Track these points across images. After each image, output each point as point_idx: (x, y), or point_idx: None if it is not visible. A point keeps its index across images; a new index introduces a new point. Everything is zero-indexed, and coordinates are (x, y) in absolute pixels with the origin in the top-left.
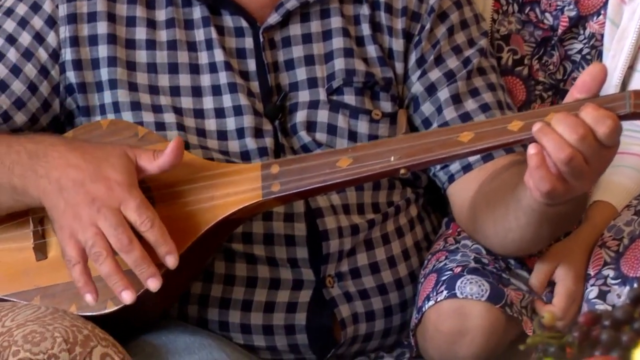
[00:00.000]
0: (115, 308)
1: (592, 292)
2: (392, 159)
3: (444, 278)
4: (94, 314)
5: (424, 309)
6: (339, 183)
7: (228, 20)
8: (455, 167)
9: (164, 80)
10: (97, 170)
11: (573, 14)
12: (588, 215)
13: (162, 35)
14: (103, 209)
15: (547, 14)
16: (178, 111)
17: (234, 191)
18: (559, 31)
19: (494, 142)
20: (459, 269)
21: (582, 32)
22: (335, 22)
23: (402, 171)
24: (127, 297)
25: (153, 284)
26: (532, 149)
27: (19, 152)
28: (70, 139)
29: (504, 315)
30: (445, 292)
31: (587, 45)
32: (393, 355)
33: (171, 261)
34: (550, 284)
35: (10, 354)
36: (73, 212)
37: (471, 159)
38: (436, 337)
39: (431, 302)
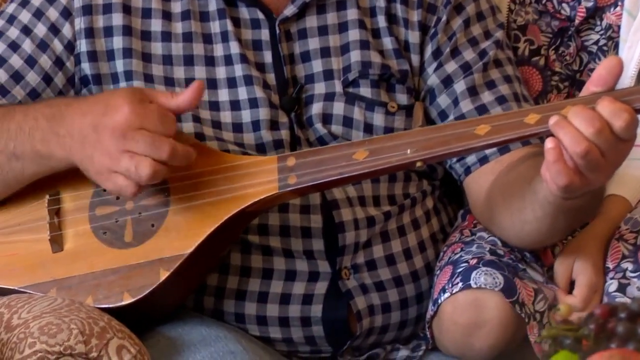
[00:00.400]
0: (132, 300)
1: (612, 285)
2: (409, 151)
3: (459, 270)
4: (111, 306)
5: (439, 301)
6: (355, 176)
7: (244, 12)
8: (471, 159)
9: (179, 72)
10: (107, 106)
11: (590, 4)
12: (603, 209)
13: (178, 27)
14: (128, 133)
15: (564, 5)
16: None
17: (250, 183)
18: (576, 22)
19: (510, 135)
20: (474, 261)
21: (599, 23)
22: (352, 14)
23: (418, 164)
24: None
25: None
26: (549, 143)
27: (36, 118)
28: (83, 96)
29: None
30: (460, 284)
31: (603, 37)
32: (409, 347)
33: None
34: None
35: (27, 345)
36: (100, 151)
37: (487, 151)
38: (452, 329)
39: (447, 294)
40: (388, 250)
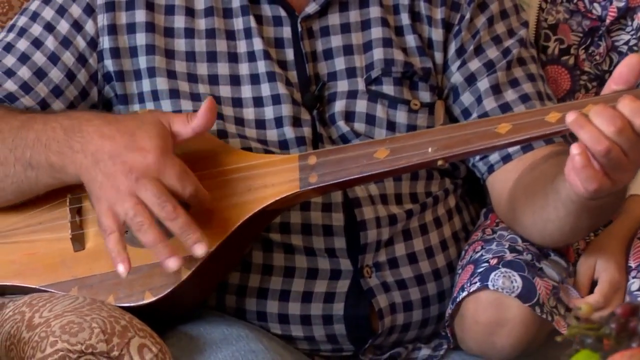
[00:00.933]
0: (153, 299)
1: (634, 284)
2: (430, 150)
3: (480, 270)
4: (132, 304)
5: (458, 299)
6: (377, 174)
7: (267, 9)
8: (494, 157)
9: (202, 68)
10: (131, 140)
11: (622, 4)
12: (625, 208)
13: (201, 23)
14: (142, 179)
15: (595, 4)
16: (216, 100)
17: (272, 182)
18: (607, 21)
19: (532, 133)
20: (494, 261)
21: (630, 23)
22: (374, 11)
23: (439, 162)
24: (174, 263)
25: (200, 250)
26: (575, 149)
27: (54, 129)
28: (105, 113)
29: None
30: (478, 284)
31: (634, 37)
32: (431, 346)
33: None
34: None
35: (48, 344)
36: (110, 183)
37: (510, 149)
38: (474, 327)
39: (464, 293)
40: (410, 249)
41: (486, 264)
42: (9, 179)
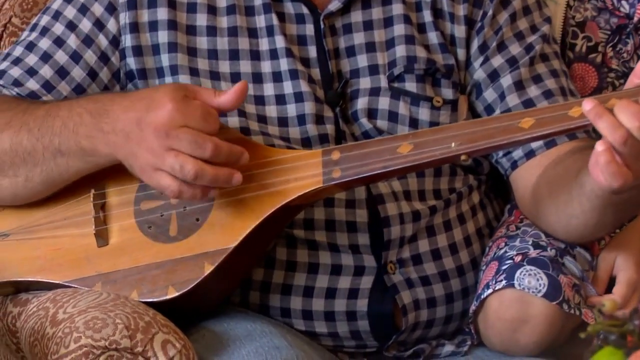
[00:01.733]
0: (177, 294)
1: None
2: (453, 145)
3: (504, 267)
4: (155, 300)
5: (482, 296)
6: (400, 169)
7: (289, 7)
8: (518, 153)
9: (224, 66)
10: (150, 101)
11: None
12: None
13: (223, 21)
14: (172, 132)
15: (623, 2)
16: None
17: (295, 177)
18: (635, 19)
19: (555, 128)
20: (519, 258)
21: None
22: (397, 8)
23: (462, 157)
24: (239, 177)
25: (237, 178)
26: (600, 146)
27: (80, 114)
28: (128, 91)
29: (562, 310)
30: (504, 282)
31: None
32: (454, 343)
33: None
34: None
35: (72, 340)
36: (144, 148)
37: (534, 145)
38: (498, 324)
39: (489, 290)
40: (434, 245)
41: (510, 261)
42: (38, 168)
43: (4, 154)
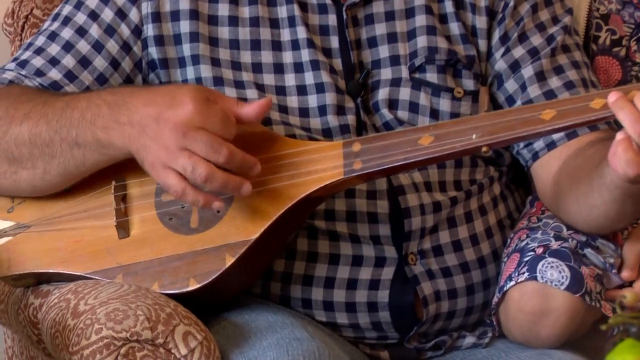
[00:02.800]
0: (198, 286)
1: None
2: (474, 136)
3: (526, 259)
4: (176, 291)
5: (505, 288)
6: (421, 161)
7: None
8: (539, 144)
9: (246, 56)
10: (171, 99)
11: None
12: None
13: (245, 11)
14: (189, 132)
15: None
16: (260, 87)
17: (316, 169)
18: None
19: (576, 120)
20: (540, 250)
21: None
22: None
23: (483, 149)
24: (248, 188)
25: (247, 188)
26: (619, 135)
27: (99, 106)
28: (148, 86)
29: (584, 302)
30: (526, 274)
31: None
32: (475, 334)
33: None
34: None
35: (93, 331)
36: (159, 144)
37: (555, 136)
38: (519, 316)
39: (512, 283)
40: (455, 236)
41: (532, 253)
42: (56, 160)
43: (23, 145)
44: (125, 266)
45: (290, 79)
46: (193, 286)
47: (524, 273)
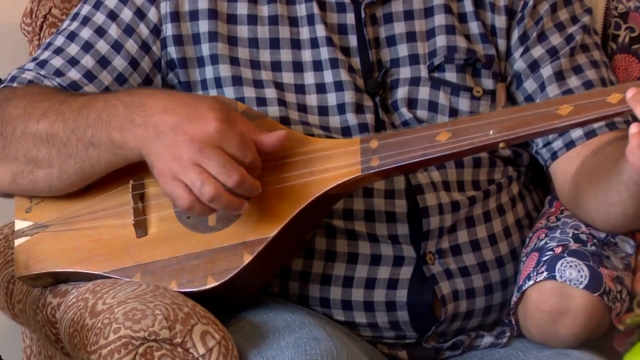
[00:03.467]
0: (216, 284)
1: None
2: (491, 132)
3: (545, 258)
4: (194, 289)
5: (524, 288)
6: (438, 157)
7: None
8: (557, 144)
9: (265, 55)
10: (193, 111)
11: None
12: None
13: (264, 10)
14: (205, 149)
15: None
16: (279, 86)
17: (333, 166)
18: None
19: (593, 114)
20: (559, 249)
21: None
22: None
23: (501, 145)
24: (245, 207)
25: (245, 207)
26: (633, 128)
27: (115, 106)
28: (168, 89)
29: (602, 302)
30: (545, 273)
31: None
32: (493, 334)
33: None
34: None
35: (111, 331)
36: (172, 153)
37: (574, 135)
38: (537, 316)
39: (531, 282)
40: (473, 236)
41: (551, 252)
42: (72, 160)
43: (41, 143)
44: (143, 265)
45: (309, 77)
46: (211, 284)
47: (542, 272)
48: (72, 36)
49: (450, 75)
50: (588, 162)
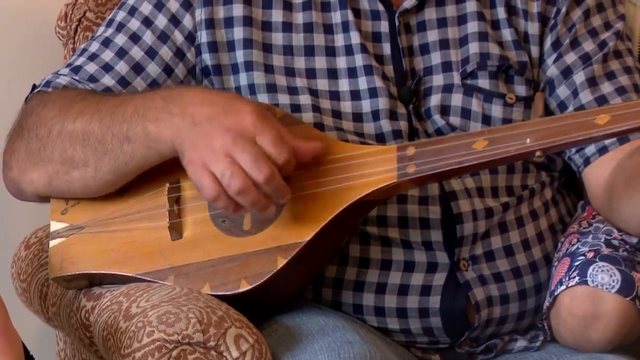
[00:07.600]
0: (249, 287)
1: None
2: (528, 141)
3: (576, 263)
4: (227, 293)
5: (556, 293)
6: (475, 165)
7: (364, 3)
8: (590, 150)
9: (299, 62)
10: (230, 105)
11: None
12: None
13: (299, 17)
14: (239, 140)
15: None
16: (314, 93)
17: (369, 172)
18: None
19: (630, 125)
20: (591, 254)
21: None
22: (471, 6)
23: (537, 154)
24: (272, 210)
25: (272, 211)
26: None
27: (153, 99)
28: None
29: (635, 306)
30: (577, 278)
31: None
32: (527, 338)
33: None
34: None
35: (145, 334)
36: (205, 142)
37: (607, 141)
38: (569, 320)
39: (563, 287)
40: (506, 241)
41: (583, 257)
42: (107, 157)
43: (77, 142)
44: (177, 267)
45: (344, 84)
46: (244, 287)
47: (574, 277)
48: (106, 42)
49: (483, 82)
50: (622, 165)
